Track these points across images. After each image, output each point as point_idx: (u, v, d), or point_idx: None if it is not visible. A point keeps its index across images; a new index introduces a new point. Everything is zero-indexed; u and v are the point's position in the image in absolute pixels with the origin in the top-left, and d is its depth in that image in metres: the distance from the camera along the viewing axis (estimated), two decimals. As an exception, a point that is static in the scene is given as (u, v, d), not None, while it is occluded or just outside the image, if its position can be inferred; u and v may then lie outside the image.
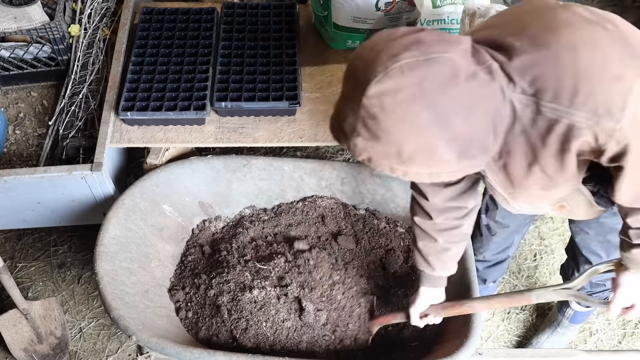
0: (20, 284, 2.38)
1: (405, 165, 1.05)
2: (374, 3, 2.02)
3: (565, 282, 1.54)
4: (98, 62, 2.26)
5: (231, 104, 1.98)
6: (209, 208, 2.04)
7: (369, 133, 1.03)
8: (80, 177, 1.90)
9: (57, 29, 2.15)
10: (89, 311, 2.35)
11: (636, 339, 2.32)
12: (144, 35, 2.19)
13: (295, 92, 2.01)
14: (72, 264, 2.46)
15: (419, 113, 0.99)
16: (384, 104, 0.99)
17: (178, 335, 1.69)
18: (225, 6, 2.29)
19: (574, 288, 1.48)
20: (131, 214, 1.85)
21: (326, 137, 1.98)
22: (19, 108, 2.27)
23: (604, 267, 1.46)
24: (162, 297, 1.81)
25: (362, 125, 1.03)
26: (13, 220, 2.12)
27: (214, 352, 1.56)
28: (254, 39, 2.19)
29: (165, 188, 1.95)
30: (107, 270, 1.71)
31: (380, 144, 1.03)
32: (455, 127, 1.02)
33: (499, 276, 2.27)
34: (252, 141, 1.97)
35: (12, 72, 2.25)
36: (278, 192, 2.07)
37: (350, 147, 1.08)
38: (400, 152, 1.03)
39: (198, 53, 2.13)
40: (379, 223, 2.04)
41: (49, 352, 2.15)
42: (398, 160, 1.05)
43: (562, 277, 2.07)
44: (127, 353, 2.25)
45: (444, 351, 1.62)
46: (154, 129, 1.99)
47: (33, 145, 2.16)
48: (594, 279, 1.58)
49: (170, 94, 2.01)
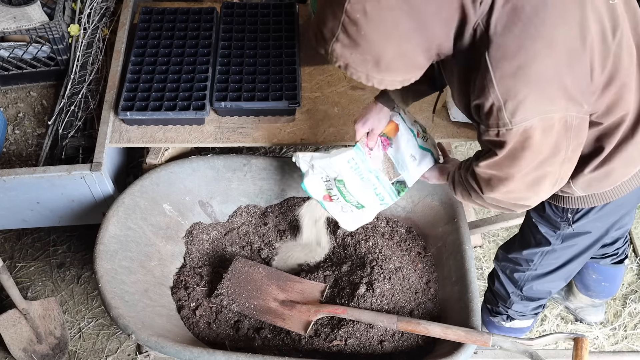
0: (19, 283, 2.37)
1: (382, 74, 1.06)
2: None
3: (526, 338, 1.59)
4: (97, 62, 2.26)
5: (231, 104, 1.98)
6: (208, 207, 2.04)
7: (348, 39, 1.03)
8: (80, 177, 1.89)
9: (57, 29, 2.15)
10: (88, 311, 2.34)
11: (636, 340, 2.32)
12: (144, 35, 2.19)
13: (295, 92, 2.01)
14: (72, 263, 2.46)
15: (401, 20, 1.00)
16: (366, 10, 0.99)
17: (178, 334, 1.69)
18: (224, 6, 2.29)
19: (532, 346, 1.54)
20: (131, 213, 1.85)
21: (326, 136, 1.98)
22: (19, 108, 2.27)
23: (564, 337, 1.57)
24: (162, 296, 1.81)
25: (342, 31, 1.03)
26: (12, 220, 2.12)
27: (213, 352, 1.56)
28: (253, 39, 2.19)
29: (166, 187, 1.95)
30: (107, 269, 1.71)
31: (359, 51, 1.03)
32: (432, 33, 1.04)
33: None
34: (251, 141, 1.97)
35: (12, 72, 2.25)
36: (278, 192, 2.07)
37: (328, 53, 1.08)
38: (378, 60, 1.04)
39: (197, 53, 2.13)
40: (379, 223, 2.04)
41: (48, 352, 2.15)
42: (376, 69, 1.06)
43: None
44: (127, 353, 2.25)
45: (444, 351, 1.62)
46: (154, 129, 1.99)
47: (32, 145, 2.16)
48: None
49: (169, 93, 2.00)
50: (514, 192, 1.29)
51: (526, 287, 1.84)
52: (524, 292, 1.86)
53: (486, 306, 2.06)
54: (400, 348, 1.72)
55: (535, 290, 1.84)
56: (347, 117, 2.02)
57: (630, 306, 2.38)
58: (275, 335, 1.76)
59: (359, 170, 1.66)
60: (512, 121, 1.11)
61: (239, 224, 2.06)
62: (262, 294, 1.81)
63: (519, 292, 1.87)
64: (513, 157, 1.19)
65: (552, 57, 1.08)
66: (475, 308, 1.68)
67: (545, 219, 1.62)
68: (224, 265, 1.92)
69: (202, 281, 1.88)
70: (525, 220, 1.76)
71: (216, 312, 1.81)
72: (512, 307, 1.94)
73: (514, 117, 1.10)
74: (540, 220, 1.64)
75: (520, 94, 1.08)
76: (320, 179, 1.69)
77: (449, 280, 1.84)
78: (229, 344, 1.75)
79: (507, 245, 1.86)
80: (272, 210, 2.08)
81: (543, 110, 1.10)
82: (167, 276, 1.89)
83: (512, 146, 1.16)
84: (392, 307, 1.78)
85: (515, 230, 2.00)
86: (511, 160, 1.20)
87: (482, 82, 1.11)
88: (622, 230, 1.84)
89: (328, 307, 1.75)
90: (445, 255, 1.90)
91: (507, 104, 1.09)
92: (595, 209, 1.50)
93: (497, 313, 2.02)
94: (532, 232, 1.70)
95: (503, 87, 1.09)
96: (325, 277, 1.88)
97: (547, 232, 1.65)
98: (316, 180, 1.69)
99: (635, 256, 2.53)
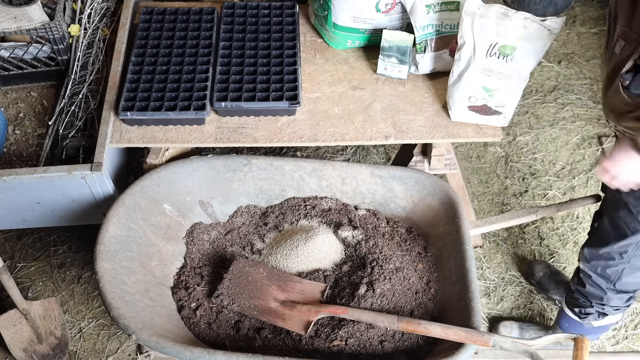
0: (20, 284, 2.38)
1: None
2: (374, 3, 2.02)
3: (527, 338, 1.60)
4: (98, 62, 2.27)
5: (231, 104, 1.98)
6: (209, 207, 2.04)
7: None
8: (80, 177, 1.89)
9: (57, 29, 2.15)
10: (88, 311, 2.35)
11: (636, 340, 2.32)
12: (144, 35, 2.19)
13: (295, 92, 2.01)
14: (72, 264, 2.46)
15: None
16: None
17: (178, 335, 1.69)
18: (225, 6, 2.29)
19: (532, 346, 1.54)
20: (132, 213, 1.85)
21: (326, 137, 1.98)
22: (19, 108, 2.27)
23: (565, 338, 1.56)
24: (162, 296, 1.81)
25: None
26: (13, 220, 2.12)
27: (214, 352, 1.56)
28: (254, 39, 2.19)
29: (166, 187, 1.95)
30: (107, 269, 1.71)
31: None
32: None
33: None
34: (252, 141, 1.97)
35: (12, 72, 2.25)
36: (278, 192, 2.07)
37: None
38: None
39: (198, 53, 2.13)
40: (379, 223, 2.04)
41: (48, 352, 2.15)
42: None
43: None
44: (127, 353, 2.25)
45: (444, 351, 1.62)
46: (154, 129, 1.99)
47: (33, 145, 2.16)
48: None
49: (170, 94, 2.00)
50: None
51: (620, 282, 1.83)
52: (617, 286, 1.85)
53: (573, 310, 2.06)
54: (401, 348, 1.72)
55: (630, 283, 1.84)
56: (348, 117, 2.03)
57: (631, 306, 2.38)
58: (276, 336, 1.76)
59: None
60: None
61: (239, 224, 2.06)
62: (263, 294, 1.81)
63: (613, 287, 1.86)
64: None
65: None
66: (476, 308, 1.68)
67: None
68: (224, 266, 1.92)
69: (202, 281, 1.88)
70: (609, 211, 1.75)
71: (216, 312, 1.81)
72: (609, 303, 1.93)
73: None
74: (636, 203, 1.62)
75: None
76: None
77: (449, 280, 1.84)
78: (229, 344, 1.75)
79: (593, 242, 1.85)
80: (273, 211, 2.08)
81: None
82: (167, 276, 1.89)
83: None
84: (392, 307, 1.78)
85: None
86: None
87: None
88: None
89: (328, 307, 1.75)
90: (446, 255, 1.90)
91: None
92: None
93: (587, 314, 2.02)
94: (625, 222, 1.68)
95: None
96: (325, 277, 1.88)
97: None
98: None
99: (636, 256, 2.53)
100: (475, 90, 1.90)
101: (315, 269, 1.90)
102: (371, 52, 2.21)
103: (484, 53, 1.84)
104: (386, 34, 2.01)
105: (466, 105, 1.95)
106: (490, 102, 1.92)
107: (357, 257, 1.93)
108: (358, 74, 2.16)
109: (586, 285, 1.93)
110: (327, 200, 2.07)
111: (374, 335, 1.72)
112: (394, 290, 1.80)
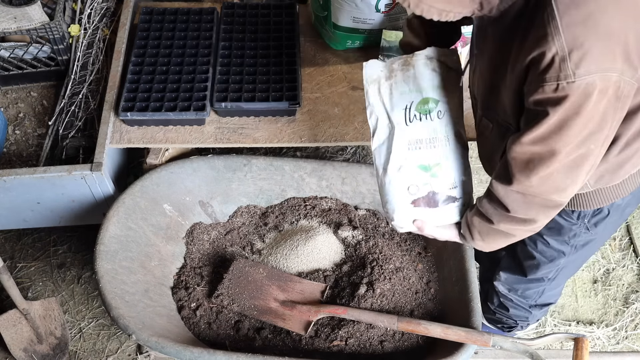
0: (20, 284, 2.38)
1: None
2: (373, 4, 2.02)
3: (526, 338, 1.59)
4: (98, 62, 2.27)
5: (231, 105, 1.98)
6: (209, 207, 2.04)
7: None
8: (80, 177, 1.89)
9: (57, 29, 2.15)
10: (88, 311, 2.35)
11: (636, 340, 2.32)
12: (144, 36, 2.19)
13: (295, 93, 2.01)
14: (72, 264, 2.46)
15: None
16: None
17: (178, 335, 1.69)
18: (225, 6, 2.29)
19: (532, 346, 1.54)
20: (132, 213, 1.85)
21: (326, 137, 1.98)
22: (19, 108, 2.27)
23: (565, 337, 1.55)
24: (162, 296, 1.81)
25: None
26: (13, 220, 2.12)
27: (214, 352, 1.56)
28: (253, 39, 2.19)
29: (166, 187, 1.95)
30: (107, 269, 1.71)
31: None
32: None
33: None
34: (252, 141, 1.97)
35: (12, 72, 2.25)
36: (278, 192, 2.07)
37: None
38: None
39: (198, 53, 2.13)
40: (379, 223, 2.04)
41: (48, 352, 2.15)
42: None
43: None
44: (127, 353, 2.25)
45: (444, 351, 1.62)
46: (154, 129, 1.99)
47: (33, 145, 2.16)
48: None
49: (170, 94, 2.01)
50: (553, 176, 1.22)
51: (542, 297, 1.83)
52: (539, 302, 1.85)
53: (495, 326, 2.06)
54: (401, 348, 1.72)
55: (552, 295, 1.84)
56: (348, 117, 2.03)
57: (631, 306, 2.38)
58: (276, 336, 1.77)
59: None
60: (575, 73, 1.06)
61: (239, 224, 2.06)
62: (263, 294, 1.81)
63: (535, 304, 1.86)
64: (563, 124, 1.13)
65: (621, 10, 1.05)
66: (476, 308, 1.68)
67: (555, 231, 1.58)
68: (224, 266, 1.93)
69: (202, 281, 1.88)
70: (523, 245, 1.73)
71: (216, 313, 1.81)
72: (534, 318, 1.93)
73: (578, 69, 1.06)
74: (550, 234, 1.60)
75: (586, 44, 1.05)
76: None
77: (449, 280, 1.84)
78: (229, 344, 1.75)
79: (512, 271, 1.84)
80: (273, 211, 2.08)
81: (605, 68, 1.06)
82: (167, 276, 1.89)
83: (569, 105, 1.10)
84: (392, 307, 1.78)
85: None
86: (559, 129, 1.14)
87: (544, 31, 1.07)
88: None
89: (328, 307, 1.75)
90: (446, 255, 1.90)
91: (572, 54, 1.05)
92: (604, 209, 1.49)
93: (512, 328, 2.02)
94: (541, 252, 1.68)
95: (570, 34, 1.05)
96: (325, 277, 1.88)
97: (560, 246, 1.61)
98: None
99: (636, 256, 2.53)
100: (411, 176, 1.44)
101: (315, 269, 1.90)
102: (371, 52, 2.21)
103: (402, 121, 1.43)
104: (386, 34, 2.01)
105: (408, 201, 1.45)
106: (435, 185, 1.45)
107: (357, 257, 1.93)
108: (358, 74, 2.16)
109: (510, 310, 1.93)
110: (327, 200, 2.07)
111: (374, 335, 1.72)
112: (394, 290, 1.80)
